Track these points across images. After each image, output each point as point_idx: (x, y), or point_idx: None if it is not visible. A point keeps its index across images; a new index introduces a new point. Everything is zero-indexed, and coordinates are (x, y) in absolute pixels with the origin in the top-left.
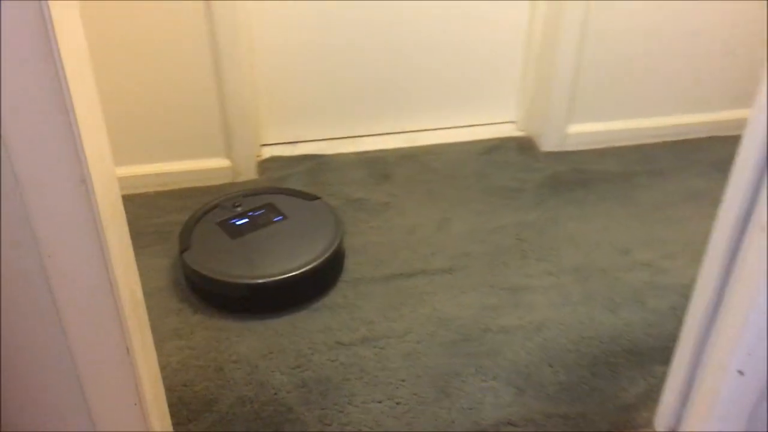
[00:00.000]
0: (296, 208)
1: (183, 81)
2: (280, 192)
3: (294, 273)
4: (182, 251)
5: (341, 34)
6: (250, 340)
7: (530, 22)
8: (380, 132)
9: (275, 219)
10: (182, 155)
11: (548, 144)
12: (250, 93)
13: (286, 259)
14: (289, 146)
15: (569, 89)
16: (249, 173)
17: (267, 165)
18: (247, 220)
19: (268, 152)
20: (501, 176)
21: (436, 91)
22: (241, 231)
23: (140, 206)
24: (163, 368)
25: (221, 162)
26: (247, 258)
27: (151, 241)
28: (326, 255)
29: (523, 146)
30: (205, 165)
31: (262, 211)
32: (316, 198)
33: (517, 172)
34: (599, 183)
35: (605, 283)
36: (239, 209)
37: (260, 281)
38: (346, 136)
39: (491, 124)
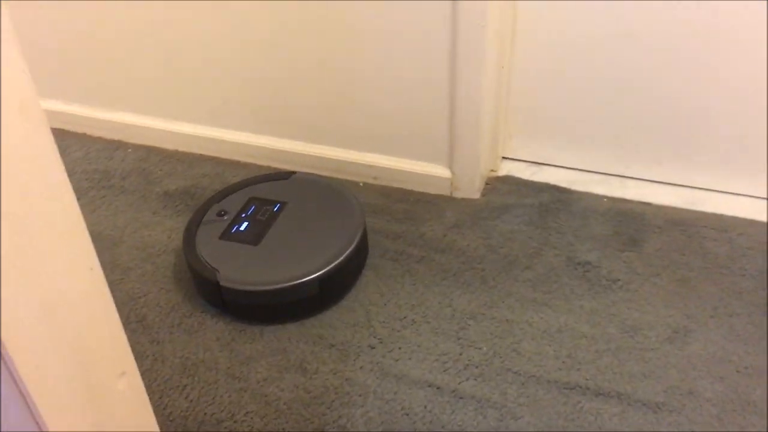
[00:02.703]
0: (283, 190)
1: (411, 67)
2: (252, 182)
3: (352, 248)
4: (216, 277)
5: (634, 40)
6: (372, 404)
7: None
8: (651, 178)
9: (275, 209)
10: (400, 152)
11: None
12: (494, 96)
13: (333, 236)
14: (533, 167)
15: None
16: (470, 191)
17: (495, 185)
18: (247, 223)
19: (506, 168)
20: None
21: (749, 139)
22: (254, 235)
23: None
24: (267, 402)
25: (440, 170)
26: (295, 254)
27: None
28: (362, 220)
29: None
30: (423, 169)
31: (253, 207)
32: (292, 173)
33: None
34: None
35: None
36: (227, 217)
37: (329, 268)
38: (604, 172)
39: None
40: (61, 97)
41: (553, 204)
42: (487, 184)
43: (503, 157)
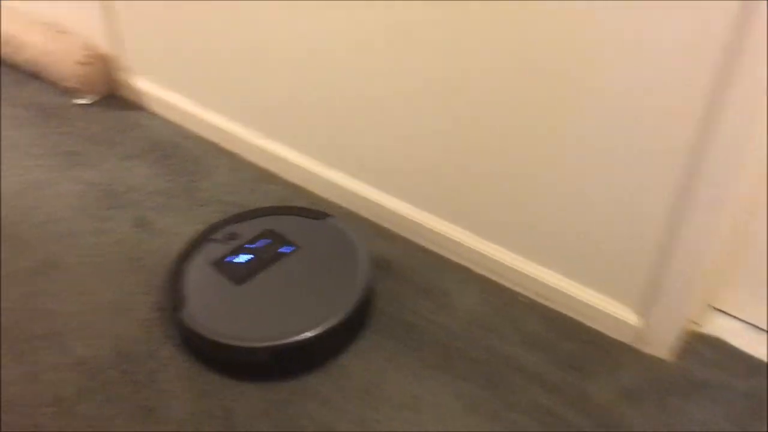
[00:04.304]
0: (305, 232)
1: (623, 184)
2: (280, 212)
3: (327, 326)
4: (175, 308)
5: None
6: None
7: None
8: None
9: (283, 250)
10: (580, 275)
11: None
12: (726, 241)
13: (311, 308)
14: (754, 334)
15: None
16: (660, 348)
17: (696, 347)
18: (251, 256)
19: (716, 325)
20: None
21: None
22: (245, 273)
23: (499, 309)
24: None
25: (627, 313)
26: (261, 310)
27: (463, 368)
28: (359, 295)
29: None
30: (605, 305)
31: (264, 240)
32: (325, 216)
33: None
34: None
35: None
36: (235, 242)
37: (286, 341)
38: None
39: None
40: (225, 113)
41: None
42: (684, 341)
43: (714, 308)
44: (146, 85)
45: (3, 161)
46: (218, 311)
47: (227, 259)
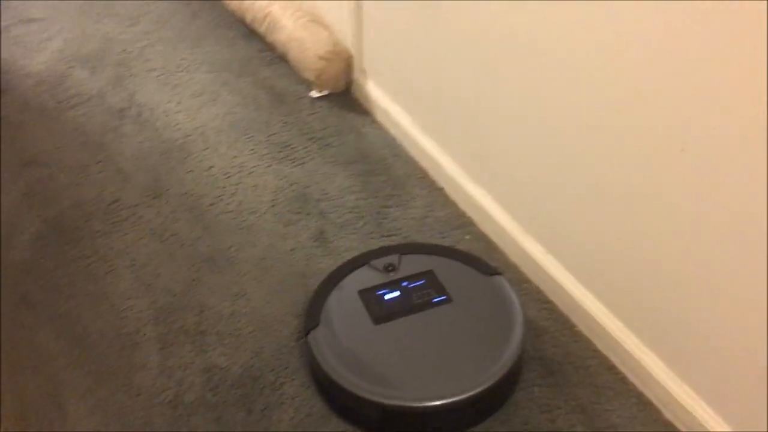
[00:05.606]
0: (465, 284)
1: None
2: (448, 254)
3: (453, 399)
4: (308, 330)
5: None
6: None
7: None
8: None
9: (435, 300)
10: None
11: None
12: None
13: (438, 375)
14: None
15: None
16: None
17: None
18: (398, 293)
19: None
20: None
21: None
22: (387, 312)
23: None
24: None
25: None
26: (387, 361)
27: None
28: (500, 373)
29: None
30: None
31: (421, 282)
32: (495, 273)
33: None
34: None
35: None
36: (392, 275)
37: (401, 404)
38: None
39: None
40: (440, 141)
41: None
42: None
43: None
44: (375, 92)
45: (223, 139)
46: (345, 346)
47: (378, 292)
